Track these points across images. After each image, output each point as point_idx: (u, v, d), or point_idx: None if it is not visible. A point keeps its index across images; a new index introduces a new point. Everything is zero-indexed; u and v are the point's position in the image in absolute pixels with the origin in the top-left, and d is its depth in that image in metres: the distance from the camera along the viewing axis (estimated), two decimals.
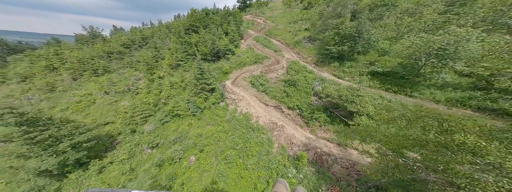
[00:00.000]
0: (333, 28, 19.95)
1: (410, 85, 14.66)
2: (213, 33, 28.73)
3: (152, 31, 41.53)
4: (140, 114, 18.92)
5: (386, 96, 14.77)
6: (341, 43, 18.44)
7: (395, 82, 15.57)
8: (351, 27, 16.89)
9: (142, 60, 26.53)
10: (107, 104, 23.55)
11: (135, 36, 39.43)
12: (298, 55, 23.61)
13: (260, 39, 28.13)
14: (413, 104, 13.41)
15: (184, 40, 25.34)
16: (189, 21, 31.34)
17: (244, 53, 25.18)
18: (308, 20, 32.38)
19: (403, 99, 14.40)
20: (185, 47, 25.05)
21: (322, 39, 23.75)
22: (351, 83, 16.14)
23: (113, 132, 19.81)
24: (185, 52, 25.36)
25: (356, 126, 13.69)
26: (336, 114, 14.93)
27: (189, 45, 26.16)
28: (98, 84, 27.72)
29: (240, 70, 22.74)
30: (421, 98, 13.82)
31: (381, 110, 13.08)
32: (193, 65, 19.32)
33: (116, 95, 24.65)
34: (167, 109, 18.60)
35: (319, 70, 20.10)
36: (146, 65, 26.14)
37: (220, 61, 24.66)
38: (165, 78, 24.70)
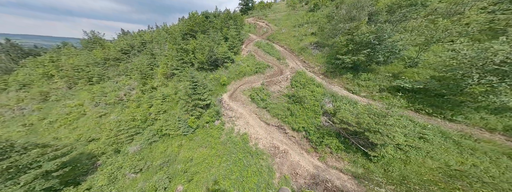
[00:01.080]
0: (346, 33, 17.21)
1: (450, 106, 11.61)
2: (212, 39, 26.76)
3: (152, 35, 40.30)
4: (126, 132, 16.89)
5: (417, 118, 11.76)
6: (356, 51, 15.65)
7: (428, 102, 12.55)
8: (370, 32, 14.10)
9: (135, 68, 24.80)
10: (96, 117, 21.88)
11: (134, 41, 38.33)
12: (304, 64, 20.96)
13: (262, 45, 25.80)
14: (457, 131, 10.36)
15: (180, 46, 23.46)
16: (187, 26, 29.63)
17: (244, 61, 22.88)
18: (314, 24, 29.78)
19: (441, 123, 11.36)
20: (180, 54, 23.12)
21: (332, 45, 21.02)
22: (372, 103, 13.26)
23: (97, 151, 17.86)
24: (181, 60, 23.44)
25: (379, 158, 10.88)
26: (352, 141, 12.08)
27: (186, 52, 24.27)
28: (90, 94, 26.31)
29: (239, 81, 20.36)
30: (467, 124, 10.72)
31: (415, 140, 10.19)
32: (187, 76, 17.17)
33: (106, 107, 22.94)
34: (155, 128, 16.41)
35: (328, 83, 17.34)
36: (140, 74, 24.37)
37: (218, 70, 22.46)
38: (159, 89, 22.75)
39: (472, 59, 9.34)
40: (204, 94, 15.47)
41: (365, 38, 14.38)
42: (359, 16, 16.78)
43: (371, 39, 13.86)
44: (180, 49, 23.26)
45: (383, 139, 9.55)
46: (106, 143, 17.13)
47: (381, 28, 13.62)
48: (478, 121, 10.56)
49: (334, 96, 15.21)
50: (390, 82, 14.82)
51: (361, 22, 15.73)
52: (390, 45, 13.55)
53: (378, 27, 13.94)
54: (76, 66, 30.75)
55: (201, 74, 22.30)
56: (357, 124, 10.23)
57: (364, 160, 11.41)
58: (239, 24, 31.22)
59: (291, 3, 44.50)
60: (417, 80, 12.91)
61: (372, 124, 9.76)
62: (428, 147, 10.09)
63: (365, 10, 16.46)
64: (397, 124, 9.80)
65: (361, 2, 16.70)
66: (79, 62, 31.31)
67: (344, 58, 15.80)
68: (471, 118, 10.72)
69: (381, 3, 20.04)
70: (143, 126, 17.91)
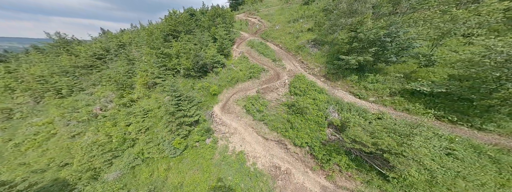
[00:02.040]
0: (348, 29, 15.18)
1: (478, 113, 10.05)
2: (199, 40, 23.91)
3: (131, 37, 36.23)
4: (101, 157, 14.39)
5: (438, 127, 10.22)
6: (361, 50, 13.73)
7: (450, 107, 11.01)
8: (379, 28, 12.16)
9: (109, 77, 21.66)
10: (67, 138, 18.99)
11: (110, 44, 34.19)
12: (302, 65, 18.93)
13: (255, 44, 23.40)
14: (492, 145, 8.88)
15: (160, 51, 20.56)
16: (169, 25, 26.34)
17: (237, 65, 20.52)
18: (310, 18, 27.53)
19: (469, 133, 9.88)
20: (161, 60, 20.26)
21: (332, 42, 19.01)
22: (385, 112, 11.57)
23: (72, 178, 15.31)
24: (163, 66, 20.63)
25: (399, 179, 9.35)
26: (366, 160, 10.44)
27: (168, 57, 21.40)
28: (60, 109, 22.98)
29: (232, 88, 18.11)
30: (501, 133, 9.28)
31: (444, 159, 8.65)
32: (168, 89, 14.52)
33: (78, 125, 19.95)
34: (134, 151, 14.00)
35: (331, 87, 15.50)
36: (115, 85, 21.36)
37: (207, 76, 19.98)
38: (139, 102, 19.97)
39: (509, 58, 7.65)
40: (190, 110, 13.16)
41: (373, 35, 12.44)
42: (361, 9, 14.69)
43: (381, 35, 11.89)
44: (160, 54, 20.37)
45: (408, 163, 7.86)
46: (79, 170, 14.59)
47: (394, 22, 11.63)
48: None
49: (340, 103, 13.42)
50: (402, 84, 13.14)
51: (366, 16, 13.72)
52: (404, 42, 11.64)
53: (390, 21, 11.96)
54: (39, 77, 26.44)
55: (188, 83, 19.75)
56: (374, 144, 8.45)
57: (380, 180, 9.87)
58: (229, 22, 28.36)
59: None
60: (435, 83, 11.23)
61: (393, 145, 8.01)
62: (458, 165, 8.56)
63: (368, 2, 14.36)
64: (426, 144, 8.09)
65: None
66: (42, 72, 26.79)
67: (348, 58, 13.84)
68: (505, 126, 9.23)
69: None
70: (122, 147, 15.40)
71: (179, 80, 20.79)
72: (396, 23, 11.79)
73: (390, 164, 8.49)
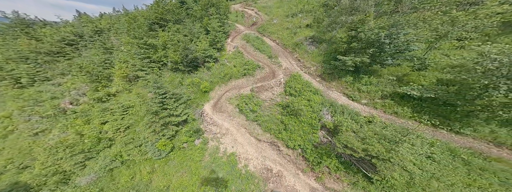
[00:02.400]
0: (348, 28, 14.77)
1: (459, 118, 10.67)
2: (189, 31, 21.68)
3: (110, 22, 31.85)
4: (70, 160, 12.65)
5: (422, 130, 10.74)
6: (360, 50, 13.54)
7: (435, 111, 11.53)
8: (380, 28, 11.91)
9: (80, 67, 18.52)
10: (28, 135, 16.41)
11: (84, 28, 29.68)
12: (299, 64, 18.44)
13: (251, 39, 22.11)
14: (466, 149, 9.56)
15: (142, 41, 18.31)
16: (155, 13, 23.27)
17: (231, 60, 19.25)
18: (309, 13, 26.70)
19: (447, 136, 10.52)
20: (144, 51, 17.99)
21: (330, 40, 18.65)
22: (376, 115, 11.77)
23: (35, 183, 13.46)
24: (147, 58, 18.42)
25: (382, 182, 9.81)
26: (354, 163, 10.71)
27: (153, 48, 19.08)
28: (19, 101, 19.59)
29: (225, 86, 17.03)
30: (475, 137, 9.99)
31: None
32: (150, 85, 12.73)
33: (42, 121, 17.25)
34: (111, 153, 12.53)
35: (326, 87, 15.39)
36: (88, 76, 18.66)
37: (198, 71, 18.42)
38: (118, 97, 17.80)
39: (502, 65, 7.89)
40: (177, 109, 11.95)
41: (373, 36, 12.19)
42: (364, 7, 14.26)
43: (381, 36, 11.66)
44: (143, 45, 18.07)
45: (393, 168, 8.07)
46: (42, 174, 12.77)
47: (397, 23, 11.35)
48: (487, 134, 9.85)
49: (333, 105, 13.38)
50: (393, 87, 13.44)
51: (368, 15, 13.31)
52: (403, 44, 11.55)
53: (393, 21, 11.69)
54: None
55: (176, 78, 18.00)
56: (364, 150, 8.50)
57: (365, 182, 10.28)
58: (223, 13, 26.15)
59: None
60: (425, 87, 11.56)
61: (382, 151, 8.09)
62: (435, 168, 9.12)
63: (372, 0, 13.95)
64: (412, 151, 8.31)
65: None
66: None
67: (346, 59, 13.60)
68: (480, 130, 9.95)
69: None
70: (97, 148, 13.71)
71: (166, 74, 18.89)
72: (398, 23, 11.52)
73: (377, 169, 8.67)
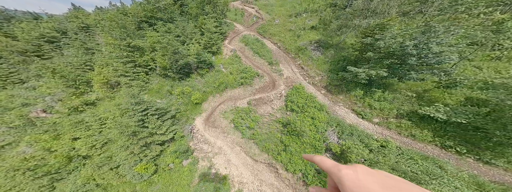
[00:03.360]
0: (362, 33, 12.88)
1: (491, 146, 9.06)
2: (182, 31, 20.32)
3: (97, 18, 30.21)
4: (31, 183, 11.36)
5: (442, 156, 9.24)
6: (376, 61, 11.77)
7: (462, 136, 9.90)
8: (405, 35, 10.09)
9: (53, 70, 16.46)
10: None
11: (69, 24, 27.61)
12: (302, 72, 16.86)
13: (250, 41, 20.57)
14: (498, 184, 8.04)
15: (125, 42, 16.49)
16: (143, 11, 21.80)
17: (227, 66, 17.90)
18: (314, 13, 24.66)
19: (474, 165, 9.01)
20: (128, 54, 16.71)
21: (337, 45, 16.83)
22: (391, 140, 10.29)
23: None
24: (131, 62, 17.11)
25: None
26: None
27: (138, 51, 17.81)
28: None
29: (219, 96, 15.82)
30: (508, 169, 8.48)
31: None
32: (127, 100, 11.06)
33: (10, 132, 15.31)
34: (82, 177, 11.38)
35: (332, 102, 13.91)
36: (64, 80, 16.66)
37: (190, 78, 17.20)
38: (99, 106, 16.75)
39: None
40: (162, 127, 10.84)
41: (397, 45, 10.31)
42: (383, 8, 12.19)
43: (408, 46, 9.74)
44: (126, 47, 16.62)
45: None
46: None
47: (431, 29, 9.29)
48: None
49: (341, 124, 11.93)
50: (412, 105, 11.77)
51: (390, 19, 11.28)
52: (434, 56, 9.50)
53: (424, 27, 9.68)
54: None
55: (165, 85, 16.83)
56: None
57: None
58: (221, 11, 24.48)
59: None
60: (453, 109, 9.82)
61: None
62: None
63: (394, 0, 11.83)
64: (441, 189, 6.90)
65: None
66: None
67: (358, 71, 11.83)
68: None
69: None
70: (68, 168, 12.60)
71: (155, 80, 17.70)
72: (432, 30, 9.28)
73: None
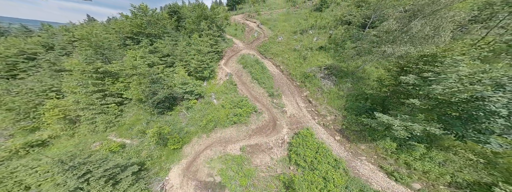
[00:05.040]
0: (397, 67, 9.62)
1: None
2: (171, 50, 18.11)
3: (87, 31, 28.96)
4: None
5: None
6: (422, 110, 8.41)
7: None
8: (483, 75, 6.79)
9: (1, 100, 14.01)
10: None
11: (61, 38, 25.80)
12: (310, 107, 13.85)
13: (249, 63, 18.20)
14: None
15: (92, 68, 13.68)
16: (129, 26, 19.17)
17: (220, 95, 15.32)
18: (322, 30, 22.35)
19: None
20: (94, 82, 13.89)
21: (355, 74, 13.84)
22: None
23: None
24: (99, 92, 14.27)
25: None
26: None
27: (111, 76, 15.27)
28: None
29: (206, 137, 12.93)
30: None
31: None
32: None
33: None
34: None
35: (351, 152, 10.57)
36: (16, 113, 13.92)
37: (173, 111, 14.51)
38: (51, 147, 13.83)
39: None
40: None
41: (469, 95, 6.79)
42: (429, 32, 8.58)
43: (491, 102, 6.27)
44: (94, 72, 13.79)
45: None
46: None
47: None
48: None
49: (364, 190, 8.43)
50: (478, 174, 8.24)
51: (449, 48, 7.96)
52: None
53: None
54: None
55: (142, 118, 14.08)
56: None
57: None
58: (219, 28, 22.82)
59: None
60: None
61: None
62: None
63: (451, 18, 8.41)
64: None
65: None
66: None
67: (393, 124, 8.15)
68: None
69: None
70: None
71: (130, 112, 15.08)
72: None
73: None
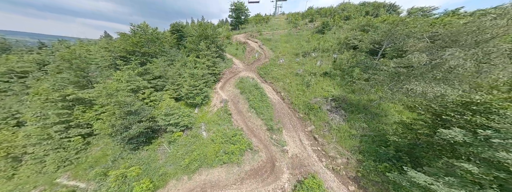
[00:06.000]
0: (432, 114, 7.64)
1: None
2: (162, 72, 16.85)
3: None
4: None
5: None
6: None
7: None
8: None
9: None
10: None
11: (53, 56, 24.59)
12: (315, 145, 11.81)
13: (247, 88, 16.88)
14: None
15: (59, 96, 11.83)
16: (127, 45, 17.69)
17: (211, 126, 13.54)
18: (326, 53, 21.74)
19: None
20: (59, 112, 11.82)
21: (367, 108, 12.15)
22: None
23: None
24: (62, 123, 11.99)
25: None
26: None
27: (83, 104, 13.20)
28: None
29: (188, 180, 10.69)
30: None
31: None
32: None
33: None
34: None
35: None
36: None
37: (151, 145, 12.39)
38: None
39: None
40: None
41: None
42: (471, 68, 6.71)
43: None
44: (60, 101, 11.90)
45: None
46: None
47: None
48: None
49: None
50: None
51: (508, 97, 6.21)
52: None
53: None
54: None
55: (110, 154, 11.69)
56: None
57: None
58: (218, 48, 22.47)
59: (292, 20, 37.57)
60: None
61: None
62: None
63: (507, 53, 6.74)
64: None
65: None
66: None
67: (435, 189, 5.89)
68: None
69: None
70: None
71: (98, 146, 12.95)
72: None
73: None
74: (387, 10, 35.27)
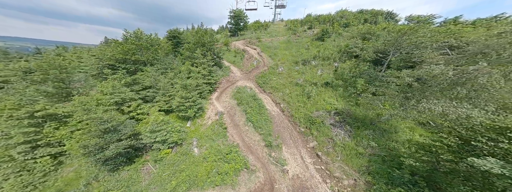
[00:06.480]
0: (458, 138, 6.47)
1: None
2: (153, 81, 15.94)
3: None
4: None
5: None
6: None
7: None
8: None
9: None
10: None
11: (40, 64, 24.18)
12: (319, 164, 10.74)
13: (244, 99, 16.02)
14: None
15: (25, 112, 10.56)
16: (114, 52, 16.49)
17: (204, 141, 12.48)
18: (326, 62, 21.22)
19: None
20: (25, 131, 10.48)
21: (374, 123, 11.22)
22: None
23: None
24: (27, 143, 10.70)
25: None
26: None
27: (55, 120, 11.75)
28: None
29: None
30: None
31: None
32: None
33: None
34: None
35: None
36: None
37: (133, 164, 11.21)
38: None
39: None
40: None
41: None
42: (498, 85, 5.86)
43: None
44: (27, 118, 10.61)
45: None
46: None
47: None
48: None
49: None
50: None
51: None
52: None
53: None
54: None
55: (84, 176, 10.18)
56: None
57: None
58: (215, 56, 21.94)
59: (291, 27, 37.73)
60: None
61: None
62: None
63: None
64: None
65: None
66: None
67: None
68: None
69: None
70: None
71: (71, 166, 11.47)
72: None
73: None
74: (385, 18, 35.64)
